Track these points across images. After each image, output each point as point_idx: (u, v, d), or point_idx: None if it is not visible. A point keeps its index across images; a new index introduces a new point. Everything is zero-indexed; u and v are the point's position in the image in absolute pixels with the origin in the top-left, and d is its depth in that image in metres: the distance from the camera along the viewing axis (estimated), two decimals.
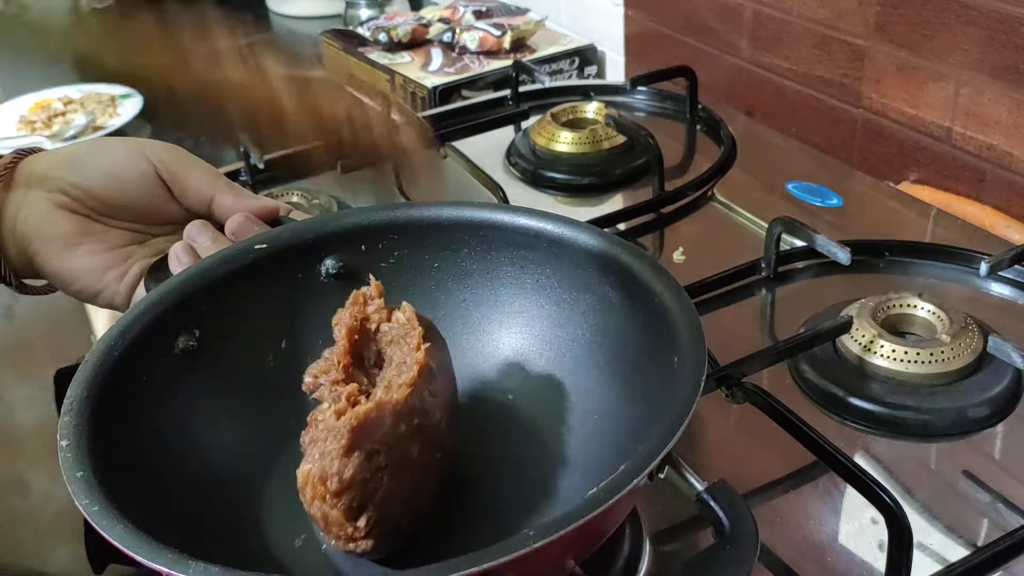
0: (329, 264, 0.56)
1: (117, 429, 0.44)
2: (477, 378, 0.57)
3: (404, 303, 0.48)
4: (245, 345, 0.53)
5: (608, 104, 0.95)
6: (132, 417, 0.46)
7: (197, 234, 0.57)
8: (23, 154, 0.60)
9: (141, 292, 0.57)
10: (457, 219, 0.57)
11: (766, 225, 0.72)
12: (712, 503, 0.42)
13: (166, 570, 0.36)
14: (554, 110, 0.94)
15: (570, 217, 0.56)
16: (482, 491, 0.50)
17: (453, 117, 1.02)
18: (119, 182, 0.59)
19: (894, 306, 0.64)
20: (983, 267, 0.66)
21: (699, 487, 0.43)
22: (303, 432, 0.42)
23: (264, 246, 0.54)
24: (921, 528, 0.51)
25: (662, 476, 0.42)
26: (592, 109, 0.94)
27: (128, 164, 0.59)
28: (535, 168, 0.90)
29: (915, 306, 0.64)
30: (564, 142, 0.90)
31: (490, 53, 1.19)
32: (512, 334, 0.57)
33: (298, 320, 0.55)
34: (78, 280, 0.59)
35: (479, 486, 0.50)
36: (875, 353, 0.60)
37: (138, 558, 0.36)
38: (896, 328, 0.63)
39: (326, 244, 0.56)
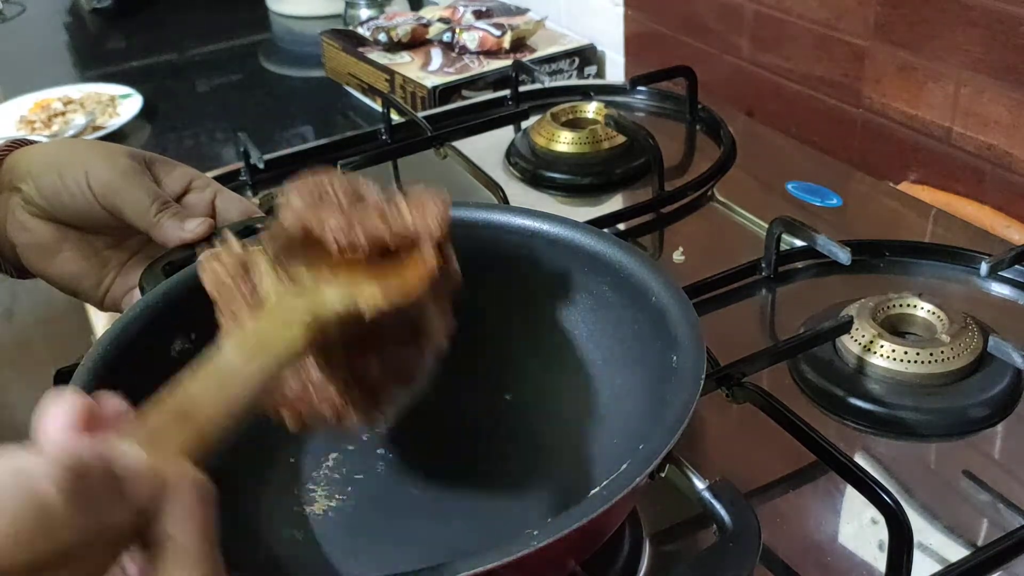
0: None
1: None
2: (474, 378, 0.57)
3: None
4: None
5: (608, 104, 0.95)
6: None
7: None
8: (12, 147, 0.60)
9: (136, 295, 0.57)
10: (454, 219, 0.56)
11: (766, 225, 0.71)
12: (714, 501, 0.42)
13: None
14: (554, 110, 0.94)
15: (567, 217, 0.55)
16: (478, 491, 0.50)
17: (453, 117, 1.01)
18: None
19: (894, 306, 0.64)
20: (983, 267, 0.66)
21: (701, 485, 0.43)
22: None
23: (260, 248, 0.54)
24: (921, 528, 0.51)
25: (663, 475, 0.42)
26: (592, 109, 0.94)
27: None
28: (535, 168, 0.90)
29: (915, 306, 0.64)
30: (564, 142, 0.90)
31: (490, 53, 1.19)
32: (509, 334, 0.57)
33: None
34: (59, 284, 0.60)
35: (475, 486, 0.50)
36: (875, 353, 0.60)
37: None
38: (896, 328, 0.63)
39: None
